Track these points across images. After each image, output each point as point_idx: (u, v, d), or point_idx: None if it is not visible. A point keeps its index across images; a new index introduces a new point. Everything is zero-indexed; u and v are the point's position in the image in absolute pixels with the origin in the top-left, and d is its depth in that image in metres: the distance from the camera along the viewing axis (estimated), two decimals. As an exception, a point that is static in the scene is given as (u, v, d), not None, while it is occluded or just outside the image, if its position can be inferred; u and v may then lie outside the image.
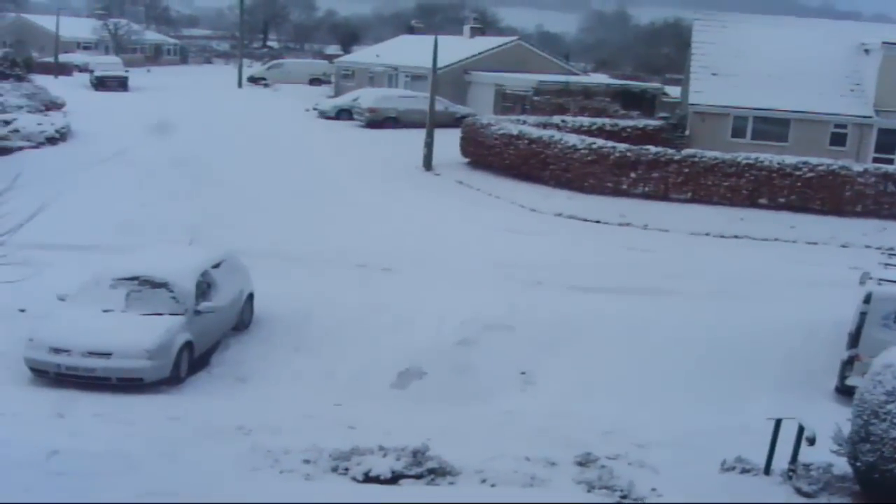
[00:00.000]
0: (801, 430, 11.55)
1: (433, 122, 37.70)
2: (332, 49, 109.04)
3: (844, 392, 15.56)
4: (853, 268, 22.01)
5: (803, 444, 11.55)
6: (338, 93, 64.92)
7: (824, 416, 12.56)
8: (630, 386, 16.23)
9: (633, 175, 32.25)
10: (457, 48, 56.71)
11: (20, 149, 35.54)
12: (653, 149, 32.82)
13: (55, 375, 14.98)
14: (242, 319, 18.28)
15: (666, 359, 17.48)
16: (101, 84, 64.85)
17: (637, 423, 14.25)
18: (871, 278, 17.16)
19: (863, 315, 16.00)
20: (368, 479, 11.37)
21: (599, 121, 40.40)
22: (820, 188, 31.10)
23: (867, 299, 16.05)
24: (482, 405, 15.24)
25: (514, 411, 14.92)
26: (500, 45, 60.22)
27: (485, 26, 74.74)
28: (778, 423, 11.87)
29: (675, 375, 16.73)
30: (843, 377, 16.10)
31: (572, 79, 54.16)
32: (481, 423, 14.29)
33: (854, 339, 16.05)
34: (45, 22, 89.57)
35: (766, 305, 20.98)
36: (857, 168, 31.64)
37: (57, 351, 14.89)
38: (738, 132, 38.93)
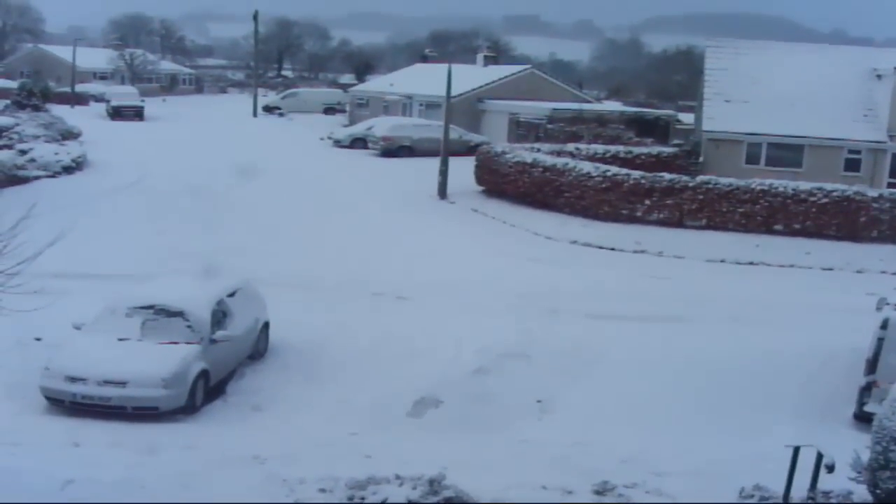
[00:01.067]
0: (819, 457, 11.45)
1: (447, 150, 37.76)
2: (347, 78, 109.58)
3: (862, 418, 15.44)
4: (869, 294, 21.86)
5: (822, 471, 11.44)
6: (352, 122, 65.21)
7: (843, 442, 12.44)
8: (647, 414, 16.14)
9: (647, 202, 32.25)
10: (470, 77, 56.94)
11: (36, 178, 35.77)
12: (667, 176, 32.83)
13: (70, 404, 14.95)
14: (258, 348, 18.27)
15: (683, 386, 17.41)
16: (117, 114, 65.33)
17: (655, 451, 14.16)
18: (887, 304, 17.06)
19: (880, 341, 15.89)
20: (384, 508, 11.30)
21: (613, 148, 40.43)
22: (835, 214, 31.04)
23: (884, 325, 15.94)
24: (499, 434, 15.17)
25: (530, 440, 14.85)
26: (513, 74, 60.52)
27: (498, 55, 75.10)
28: (796, 450, 11.77)
29: (693, 403, 16.64)
30: (861, 403, 15.96)
31: (586, 106, 54.27)
32: (498, 451, 14.21)
33: (871, 365, 15.93)
34: (62, 52, 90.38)
35: (783, 332, 20.89)
36: (872, 193, 31.59)
37: (73, 380, 14.88)
38: (752, 158, 38.89)
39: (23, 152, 37.41)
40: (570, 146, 39.95)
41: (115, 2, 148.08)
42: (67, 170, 38.01)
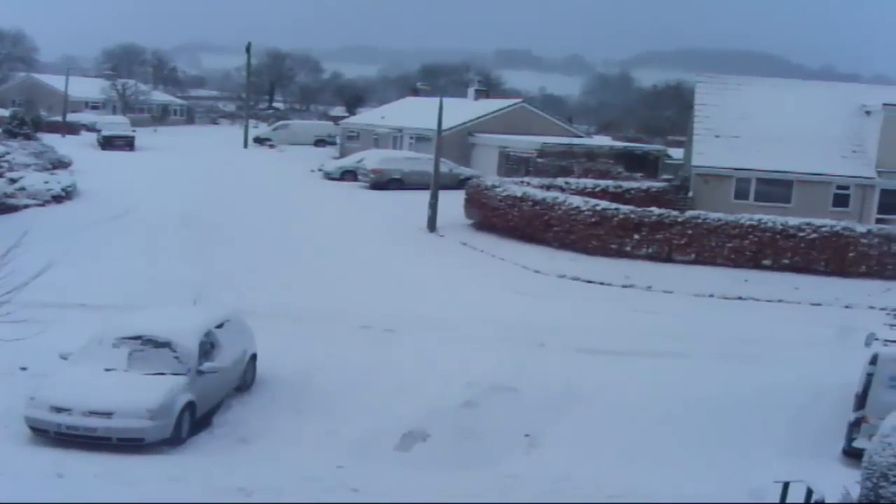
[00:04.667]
0: (809, 492, 11.42)
1: (437, 183, 37.83)
2: (338, 110, 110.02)
3: (852, 454, 15.40)
4: (858, 329, 21.91)
5: (811, 507, 11.41)
6: (343, 154, 65.33)
7: (832, 478, 12.41)
8: (636, 449, 16.08)
9: (636, 237, 32.29)
10: (461, 110, 57.17)
11: (26, 207, 35.71)
12: (656, 210, 32.90)
13: (55, 435, 14.83)
14: (245, 380, 18.19)
15: (672, 421, 17.37)
16: (108, 143, 65.33)
17: (643, 487, 14.10)
18: (876, 339, 17.08)
19: (869, 376, 15.89)
20: (371, 542, 11.23)
21: (603, 182, 40.51)
22: (823, 249, 31.13)
23: (873, 360, 15.95)
24: (486, 468, 15.08)
25: (518, 475, 14.77)
26: (504, 108, 60.75)
27: (489, 89, 75.51)
28: (786, 485, 11.74)
29: (682, 438, 16.60)
30: (850, 439, 15.94)
31: (576, 141, 54.48)
32: (485, 486, 14.13)
33: (861, 400, 15.92)
34: (55, 82, 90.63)
35: (772, 367, 20.89)
36: (861, 229, 31.69)
37: (58, 410, 14.75)
38: (741, 194, 38.99)
39: (13, 181, 37.38)
40: (560, 180, 40.04)
41: (109, 32, 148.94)
42: (57, 199, 37.96)
